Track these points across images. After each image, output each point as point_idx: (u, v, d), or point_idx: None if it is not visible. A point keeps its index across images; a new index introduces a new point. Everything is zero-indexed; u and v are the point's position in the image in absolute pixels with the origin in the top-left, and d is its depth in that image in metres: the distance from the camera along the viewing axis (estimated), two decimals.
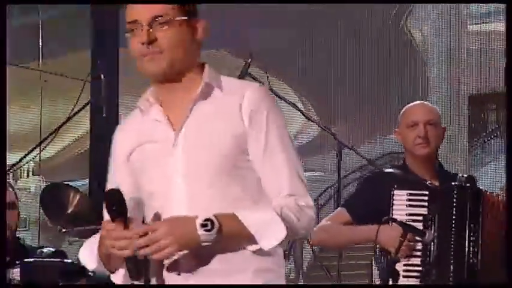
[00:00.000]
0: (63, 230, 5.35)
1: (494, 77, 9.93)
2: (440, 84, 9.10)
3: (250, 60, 4.99)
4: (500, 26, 10.05)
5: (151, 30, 2.31)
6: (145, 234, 2.22)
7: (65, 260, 4.29)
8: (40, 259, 4.20)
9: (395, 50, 8.87)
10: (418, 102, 3.83)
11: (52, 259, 4.33)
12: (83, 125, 7.50)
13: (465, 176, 3.65)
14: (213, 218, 2.23)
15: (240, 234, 2.26)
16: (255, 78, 4.88)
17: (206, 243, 2.22)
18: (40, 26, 8.15)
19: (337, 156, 4.98)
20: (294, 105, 5.27)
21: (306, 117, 5.54)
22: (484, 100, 10.51)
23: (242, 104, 2.35)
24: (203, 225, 2.21)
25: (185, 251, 2.25)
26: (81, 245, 2.41)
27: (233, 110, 2.35)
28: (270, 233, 2.29)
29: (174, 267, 2.31)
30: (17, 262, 4.01)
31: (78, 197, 5.39)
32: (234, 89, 2.40)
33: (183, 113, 2.35)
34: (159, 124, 2.37)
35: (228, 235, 2.25)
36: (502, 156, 10.01)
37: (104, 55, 8.17)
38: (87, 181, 7.85)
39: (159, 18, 2.31)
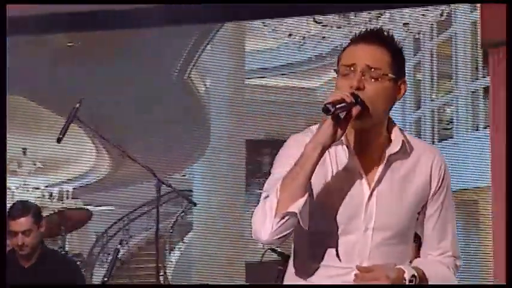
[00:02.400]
0: None
1: (270, 125, 10.91)
2: (221, 131, 9.58)
3: (78, 105, 5.18)
4: (274, 81, 11.16)
5: (363, 77, 2.30)
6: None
7: None
8: None
9: (181, 99, 9.38)
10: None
11: None
12: None
13: None
14: (416, 275, 2.34)
15: None
16: (82, 122, 5.19)
17: None
18: None
19: (156, 193, 5.14)
20: (119, 146, 5.51)
21: (130, 158, 5.58)
22: (260, 146, 11.39)
23: (432, 167, 2.41)
24: (410, 281, 2.32)
25: None
26: None
27: (423, 172, 2.41)
28: None
29: None
30: None
31: None
32: (420, 149, 2.44)
33: (375, 164, 2.37)
34: (355, 171, 2.36)
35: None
36: None
37: None
38: None
39: (373, 70, 2.31)
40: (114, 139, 5.63)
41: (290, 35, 10.02)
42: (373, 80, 2.31)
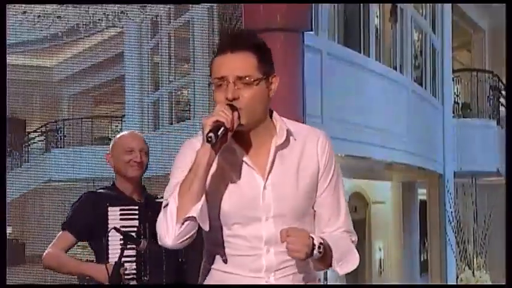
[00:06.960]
0: None
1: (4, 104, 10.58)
2: None
3: None
4: (7, 59, 10.81)
5: (236, 88, 2.45)
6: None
7: None
8: None
9: None
10: (131, 131, 4.28)
11: None
12: None
13: None
14: (322, 242, 2.46)
15: (325, 261, 2.51)
16: None
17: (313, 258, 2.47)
18: None
19: None
20: None
21: None
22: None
23: (318, 148, 2.58)
24: (318, 247, 2.44)
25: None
26: None
27: (310, 155, 2.57)
28: (348, 262, 2.57)
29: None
30: None
31: None
32: (304, 134, 2.62)
33: (264, 158, 2.54)
34: (246, 167, 2.52)
35: (322, 257, 2.48)
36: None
37: None
38: None
39: (244, 78, 2.46)
40: None
41: (24, 12, 9.80)
42: (246, 86, 2.46)
